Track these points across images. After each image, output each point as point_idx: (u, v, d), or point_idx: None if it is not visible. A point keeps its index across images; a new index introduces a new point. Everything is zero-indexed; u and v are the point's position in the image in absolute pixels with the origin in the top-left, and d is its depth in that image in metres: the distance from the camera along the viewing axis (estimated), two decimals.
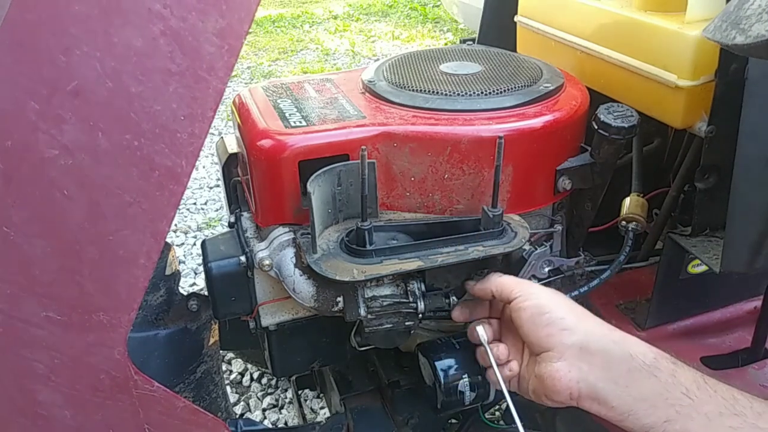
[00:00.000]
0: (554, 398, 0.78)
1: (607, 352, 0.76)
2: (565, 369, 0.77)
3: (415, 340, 1.10)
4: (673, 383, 0.73)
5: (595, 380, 0.76)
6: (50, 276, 0.64)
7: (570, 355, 0.77)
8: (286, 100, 1.05)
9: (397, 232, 0.95)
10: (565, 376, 0.76)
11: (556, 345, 0.78)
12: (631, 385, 0.74)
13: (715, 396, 0.72)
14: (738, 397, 0.72)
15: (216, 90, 0.64)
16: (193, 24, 0.62)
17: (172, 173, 0.65)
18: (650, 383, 0.74)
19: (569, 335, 0.78)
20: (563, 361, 0.77)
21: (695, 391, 0.72)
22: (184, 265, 2.40)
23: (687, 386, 0.73)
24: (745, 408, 0.70)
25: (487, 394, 1.01)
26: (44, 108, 0.59)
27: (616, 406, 0.74)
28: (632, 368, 0.75)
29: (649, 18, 1.08)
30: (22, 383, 0.67)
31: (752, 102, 0.89)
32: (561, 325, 0.78)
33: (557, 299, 0.82)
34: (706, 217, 1.08)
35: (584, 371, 0.76)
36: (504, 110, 0.98)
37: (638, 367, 0.75)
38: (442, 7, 5.49)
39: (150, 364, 0.98)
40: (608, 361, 0.76)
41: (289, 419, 1.76)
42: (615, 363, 0.76)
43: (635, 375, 0.75)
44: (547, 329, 0.79)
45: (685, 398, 0.72)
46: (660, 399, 0.73)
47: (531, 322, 0.80)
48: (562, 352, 0.77)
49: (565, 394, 0.77)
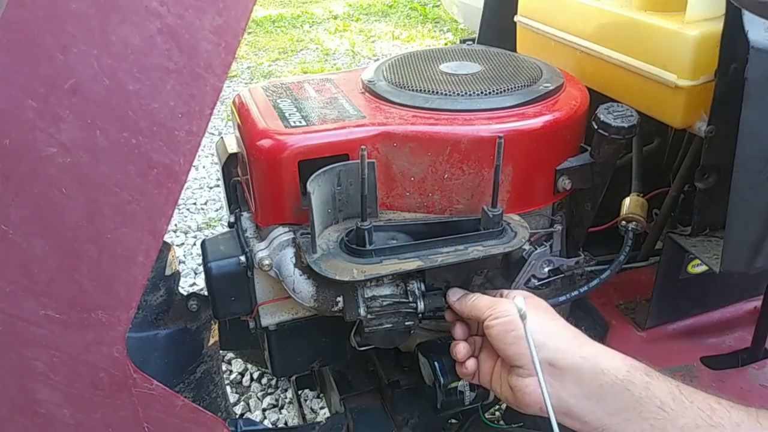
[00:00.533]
0: (526, 410, 0.79)
1: (577, 369, 0.76)
2: (534, 385, 0.77)
3: (415, 340, 1.10)
4: (647, 396, 0.72)
5: (567, 396, 0.76)
6: (49, 274, 0.64)
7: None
8: (286, 100, 1.05)
9: (397, 232, 0.95)
10: (534, 392, 0.77)
11: (524, 362, 0.78)
12: (602, 401, 0.74)
13: (692, 407, 0.71)
14: (715, 407, 0.71)
15: (214, 87, 0.64)
16: (190, 21, 0.62)
17: (170, 171, 0.65)
18: (623, 398, 0.73)
19: (537, 353, 0.77)
20: (532, 377, 0.77)
21: (670, 404, 0.71)
22: (184, 265, 2.40)
23: (662, 399, 0.72)
24: (723, 419, 0.69)
25: (487, 394, 1.01)
26: (42, 106, 0.59)
27: (589, 422, 0.75)
28: (604, 384, 0.74)
29: (649, 18, 1.08)
30: (21, 382, 0.67)
31: (752, 102, 0.89)
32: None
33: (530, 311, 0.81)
34: (706, 217, 1.08)
35: (555, 387, 0.76)
36: (504, 110, 0.97)
37: (610, 383, 0.74)
38: (442, 7, 5.49)
39: (150, 364, 0.98)
40: (578, 377, 0.76)
41: (289, 419, 1.76)
42: (585, 379, 0.75)
43: (607, 390, 0.74)
44: (514, 347, 0.79)
45: (660, 411, 0.71)
46: (634, 413, 0.72)
47: (499, 339, 0.80)
48: (531, 369, 0.77)
49: (536, 408, 0.78)
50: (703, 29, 0.99)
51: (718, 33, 0.94)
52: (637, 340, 1.23)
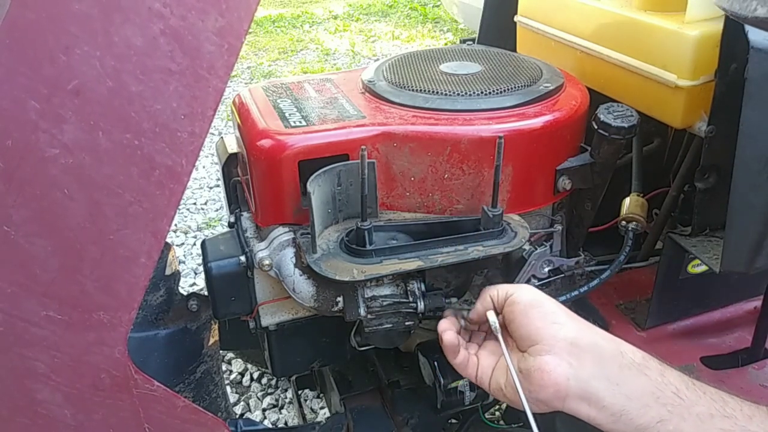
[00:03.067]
0: (539, 394, 0.74)
1: (599, 348, 0.75)
2: (554, 362, 0.73)
3: (415, 340, 1.10)
4: (664, 382, 0.72)
5: (587, 377, 0.73)
6: (51, 275, 0.64)
7: (560, 348, 0.74)
8: (286, 100, 1.05)
9: (397, 232, 0.95)
10: (554, 370, 0.73)
11: (546, 337, 0.75)
12: (622, 383, 0.72)
13: (705, 397, 0.71)
14: (727, 399, 0.71)
15: (216, 89, 0.64)
16: (193, 23, 0.62)
17: (173, 172, 0.65)
18: (641, 381, 0.72)
19: (559, 328, 0.75)
20: (552, 355, 0.74)
21: (685, 392, 0.71)
22: (184, 265, 2.40)
23: (677, 386, 0.71)
24: (735, 410, 0.69)
25: (486, 394, 1.01)
26: (44, 107, 0.59)
27: (608, 405, 0.72)
28: (623, 365, 0.73)
29: (649, 18, 1.08)
30: (22, 382, 0.67)
31: (752, 102, 0.89)
32: (552, 318, 0.77)
33: (550, 298, 0.81)
34: (706, 217, 1.08)
35: (574, 366, 0.73)
36: (504, 110, 0.98)
37: (628, 365, 0.73)
38: (442, 7, 5.49)
39: (150, 364, 0.98)
40: (600, 357, 0.74)
41: (289, 419, 1.76)
42: (606, 359, 0.74)
43: (626, 372, 0.73)
44: (538, 322, 0.76)
45: (676, 398, 0.70)
46: (652, 398, 0.71)
47: (524, 314, 0.78)
48: (552, 345, 0.74)
49: (552, 389, 0.73)
50: (703, 29, 0.99)
51: (718, 33, 0.94)
52: (637, 340, 1.23)
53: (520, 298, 0.80)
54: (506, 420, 1.37)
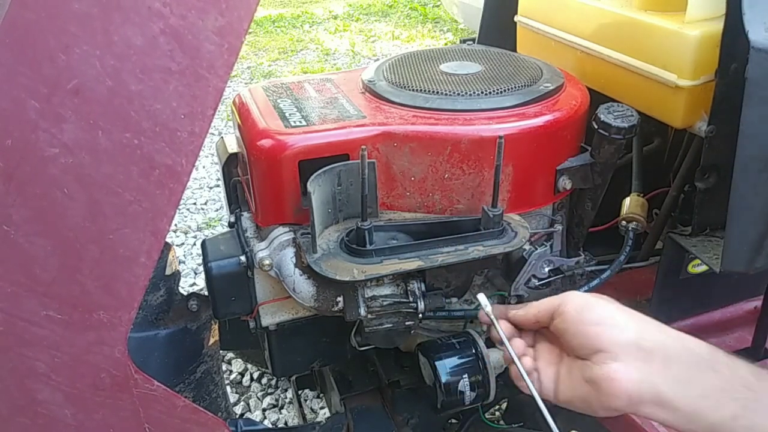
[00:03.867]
0: (611, 404, 0.70)
1: (665, 348, 0.70)
2: (623, 370, 0.68)
3: (415, 340, 1.10)
4: (733, 376, 0.68)
5: (659, 381, 0.68)
6: (51, 275, 0.64)
7: (626, 354, 0.69)
8: (286, 100, 1.05)
9: (397, 232, 0.95)
10: (625, 377, 0.68)
11: (608, 344, 0.70)
12: (692, 383, 0.68)
13: None
14: None
15: (216, 88, 0.64)
16: (193, 22, 0.62)
17: (172, 172, 0.65)
18: (711, 378, 0.68)
19: (621, 332, 0.70)
20: (620, 362, 0.69)
21: (755, 383, 0.67)
22: (184, 265, 2.40)
23: (746, 378, 0.68)
24: None
25: (487, 394, 1.01)
26: (44, 106, 0.59)
27: (680, 408, 0.68)
28: (691, 364, 0.69)
29: (649, 18, 1.08)
30: (22, 382, 0.67)
31: (752, 102, 0.89)
32: (611, 322, 0.71)
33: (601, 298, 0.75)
34: (706, 217, 1.08)
35: (644, 371, 0.68)
36: (504, 110, 0.98)
37: (696, 362, 0.69)
38: (442, 7, 5.49)
39: (150, 364, 0.98)
40: (667, 357, 0.69)
41: (289, 419, 1.76)
42: (674, 360, 0.69)
43: (694, 371, 0.68)
44: (596, 328, 0.71)
45: (747, 391, 0.67)
46: (723, 394, 0.67)
47: (578, 321, 0.72)
48: (617, 352, 0.69)
49: (624, 398, 0.69)
50: (704, 29, 0.99)
51: (718, 33, 0.94)
52: None
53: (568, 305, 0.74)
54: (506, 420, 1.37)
